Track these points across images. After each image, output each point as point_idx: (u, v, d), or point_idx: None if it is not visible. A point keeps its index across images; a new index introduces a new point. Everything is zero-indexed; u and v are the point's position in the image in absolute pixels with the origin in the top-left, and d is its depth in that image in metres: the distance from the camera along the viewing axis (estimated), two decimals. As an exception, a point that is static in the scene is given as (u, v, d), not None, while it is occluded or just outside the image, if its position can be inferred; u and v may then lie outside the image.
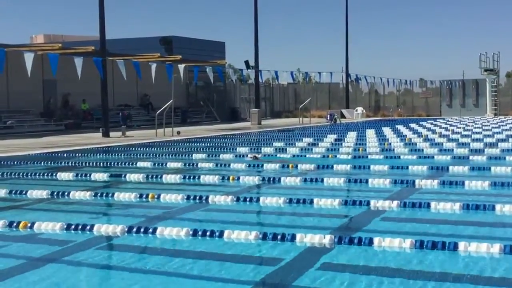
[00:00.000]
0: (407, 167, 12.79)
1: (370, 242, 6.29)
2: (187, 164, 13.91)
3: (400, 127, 28.34)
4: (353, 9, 75.28)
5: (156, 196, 9.39)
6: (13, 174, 12.72)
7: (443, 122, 33.33)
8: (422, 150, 17.16)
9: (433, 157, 15.14)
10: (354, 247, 6.27)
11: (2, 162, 14.96)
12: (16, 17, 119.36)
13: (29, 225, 7.39)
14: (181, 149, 18.29)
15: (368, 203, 8.58)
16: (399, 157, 15.32)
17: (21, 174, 12.68)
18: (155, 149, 18.88)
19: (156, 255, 6.31)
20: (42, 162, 14.99)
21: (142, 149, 18.91)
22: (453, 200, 8.63)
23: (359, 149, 17.55)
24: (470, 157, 14.85)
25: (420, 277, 5.37)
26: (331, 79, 47.50)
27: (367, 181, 10.80)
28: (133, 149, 18.94)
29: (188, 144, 20.35)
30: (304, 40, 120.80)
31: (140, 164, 14.39)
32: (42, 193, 9.94)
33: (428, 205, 8.37)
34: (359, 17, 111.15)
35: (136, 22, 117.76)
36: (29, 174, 12.68)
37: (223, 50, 52.92)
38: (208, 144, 20.13)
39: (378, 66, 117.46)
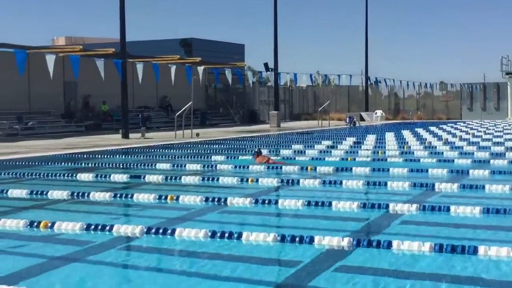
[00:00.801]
0: (427, 170, 12.73)
1: (389, 245, 6.27)
2: (205, 166, 13.95)
3: (420, 130, 28.19)
4: (373, 12, 75.11)
5: (175, 198, 9.43)
6: (34, 174, 12.83)
7: (463, 126, 33.09)
8: (442, 153, 17.06)
9: (453, 160, 15.04)
10: (373, 250, 6.25)
11: (23, 163, 15.10)
12: (38, 19, 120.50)
13: (49, 225, 7.46)
14: (200, 151, 18.34)
15: (387, 206, 8.55)
16: (419, 160, 15.24)
17: (42, 174, 12.79)
18: (174, 150, 18.94)
19: (175, 256, 6.34)
20: (63, 163, 15.12)
21: (161, 150, 18.99)
22: (473, 203, 8.57)
23: (378, 152, 17.50)
24: (491, 161, 14.73)
25: (439, 280, 5.34)
26: (351, 81, 47.33)
27: (386, 184, 10.76)
28: (152, 150, 19.02)
29: (207, 146, 20.40)
30: (324, 43, 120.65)
31: (159, 165, 14.46)
32: (63, 194, 10.02)
33: (448, 209, 8.32)
34: (379, 20, 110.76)
35: (157, 25, 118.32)
36: (49, 174, 12.78)
37: (243, 53, 52.99)
38: (227, 146, 20.16)
39: (398, 69, 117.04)
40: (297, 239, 6.56)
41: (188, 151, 18.61)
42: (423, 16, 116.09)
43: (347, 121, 37.57)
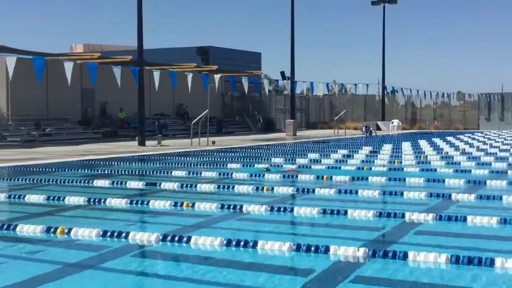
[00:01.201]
0: (444, 180, 12.66)
1: (405, 256, 6.23)
2: (221, 174, 13.96)
3: (437, 140, 28.04)
4: (390, 21, 75.00)
5: (190, 205, 9.44)
6: (51, 180, 12.91)
7: (481, 136, 32.88)
8: (459, 163, 16.95)
9: (470, 170, 14.94)
10: (388, 261, 6.22)
11: (40, 169, 15.20)
12: (56, 27, 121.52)
13: (66, 231, 7.50)
14: (216, 159, 18.37)
15: (403, 216, 8.51)
16: (436, 170, 15.16)
17: (59, 180, 12.87)
18: (190, 158, 18.98)
19: (190, 264, 6.34)
20: (80, 169, 15.20)
21: (177, 158, 19.04)
22: (490, 214, 8.51)
23: (394, 162, 17.43)
24: (508, 172, 14.62)
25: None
26: (367, 91, 47.35)
27: (402, 194, 10.71)
28: (169, 158, 19.08)
29: (223, 154, 20.43)
30: (341, 52, 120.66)
31: (175, 173, 14.49)
32: (79, 200, 10.08)
33: (465, 219, 8.26)
34: (396, 29, 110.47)
35: (174, 33, 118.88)
36: (66, 180, 12.86)
37: (259, 61, 53.09)
38: (243, 154, 20.17)
39: (415, 79, 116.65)
40: (312, 248, 6.54)
41: (204, 158, 18.64)
42: (441, 26, 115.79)
43: (364, 130, 37.46)
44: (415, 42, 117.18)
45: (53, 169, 15.21)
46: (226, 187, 11.84)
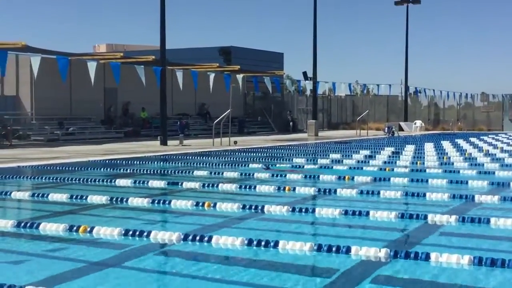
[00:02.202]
0: (467, 182, 12.55)
1: (427, 257, 6.19)
2: (243, 174, 13.97)
3: (460, 141, 27.82)
4: (413, 21, 74.54)
5: (212, 205, 9.46)
6: (74, 179, 13.02)
7: (505, 137, 32.56)
8: (483, 164, 16.80)
9: (494, 172, 14.80)
10: (410, 262, 6.18)
11: (63, 168, 15.32)
12: (80, 27, 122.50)
13: (88, 229, 7.55)
14: (237, 159, 18.39)
15: (426, 217, 8.45)
16: (459, 171, 15.04)
17: (81, 179, 12.97)
18: (212, 158, 19.02)
19: (211, 263, 6.36)
20: (102, 169, 15.30)
21: (199, 158, 19.09)
22: (514, 216, 8.41)
23: (417, 163, 17.32)
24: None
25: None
26: (390, 91, 47.09)
27: (424, 195, 10.64)
28: (190, 157, 19.13)
29: (244, 154, 20.44)
30: (363, 52, 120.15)
31: (197, 172, 14.53)
32: (102, 199, 10.15)
33: (488, 221, 8.19)
34: (419, 29, 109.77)
35: (196, 33, 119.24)
36: (89, 180, 12.95)
37: (282, 61, 53.05)
38: (265, 155, 20.17)
39: (438, 79, 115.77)
40: (333, 248, 6.52)
41: (226, 158, 18.66)
42: (465, 26, 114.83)
43: (386, 131, 37.27)
44: (439, 42, 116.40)
45: (76, 168, 15.32)
46: (247, 187, 11.85)
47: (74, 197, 10.35)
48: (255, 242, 6.83)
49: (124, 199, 10.05)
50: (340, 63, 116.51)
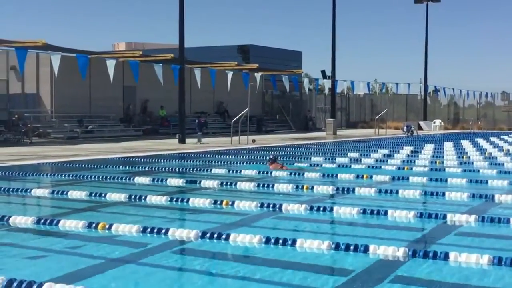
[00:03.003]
0: (487, 182, 12.45)
1: (446, 256, 6.15)
2: (261, 172, 13.98)
3: (480, 141, 27.61)
4: (433, 20, 74.00)
5: (230, 203, 9.47)
6: (93, 177, 13.09)
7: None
8: (503, 164, 16.66)
9: (514, 172, 14.66)
10: (429, 261, 6.14)
11: (83, 165, 15.42)
12: (99, 26, 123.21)
13: (107, 226, 7.60)
14: (255, 157, 18.38)
15: (445, 217, 8.40)
16: (478, 171, 14.92)
17: (100, 177, 13.04)
18: (230, 156, 19.04)
19: (228, 261, 6.37)
20: (121, 166, 15.37)
21: (217, 156, 19.12)
22: (534, 216, 8.34)
23: (436, 162, 17.22)
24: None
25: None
26: (409, 90, 46.77)
27: (443, 194, 10.57)
28: (208, 156, 19.17)
29: (262, 152, 20.44)
30: (382, 50, 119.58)
31: (215, 171, 14.54)
32: (120, 196, 10.20)
33: (508, 221, 8.12)
34: (439, 27, 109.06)
35: (215, 31, 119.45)
36: (108, 177, 13.02)
37: (300, 59, 52.92)
38: (283, 153, 20.15)
39: (458, 78, 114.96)
40: (351, 247, 6.50)
41: (244, 157, 18.67)
42: (485, 24, 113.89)
43: (405, 130, 37.08)
44: (458, 41, 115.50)
45: (95, 166, 15.42)
46: (265, 185, 11.85)
47: (93, 194, 10.41)
48: (273, 240, 6.83)
49: (143, 197, 10.09)
50: (359, 61, 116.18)
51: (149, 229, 7.40)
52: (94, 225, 7.66)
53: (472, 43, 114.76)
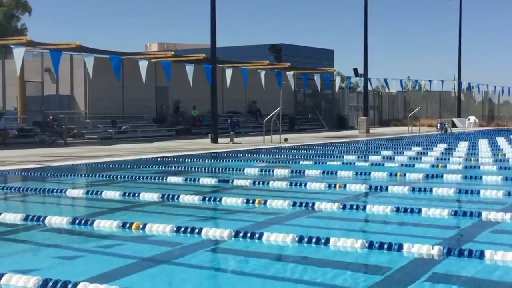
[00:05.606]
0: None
1: (481, 254, 6.07)
2: (294, 171, 13.95)
3: (516, 137, 27.19)
4: (466, 17, 73.15)
5: (262, 202, 9.47)
6: (126, 177, 13.20)
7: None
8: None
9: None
10: (464, 259, 6.07)
11: (117, 166, 15.56)
12: (132, 27, 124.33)
13: (141, 226, 7.65)
14: (288, 156, 18.35)
15: (480, 215, 8.29)
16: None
17: (134, 177, 13.14)
18: (263, 155, 19.04)
19: (262, 260, 6.37)
20: (154, 166, 15.48)
21: (249, 155, 19.14)
22: None
23: (470, 159, 17.00)
24: None
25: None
26: (442, 87, 46.39)
27: (478, 192, 10.43)
28: (241, 155, 19.20)
29: (295, 151, 20.40)
30: (415, 48, 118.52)
31: (247, 170, 14.56)
32: (154, 196, 10.27)
33: (545, 219, 7.98)
34: (473, 23, 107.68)
35: (246, 30, 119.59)
36: (141, 177, 13.12)
37: (332, 58, 52.74)
38: (315, 152, 20.10)
39: (493, 74, 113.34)
40: (385, 246, 6.45)
41: (276, 156, 18.65)
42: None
43: (438, 127, 36.72)
44: (493, 36, 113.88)
45: (129, 166, 15.55)
46: (298, 184, 11.82)
47: (127, 194, 10.49)
48: (306, 239, 6.81)
49: (176, 196, 10.15)
50: (391, 59, 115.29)
51: (182, 229, 7.43)
52: (128, 225, 7.71)
53: (507, 39, 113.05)
